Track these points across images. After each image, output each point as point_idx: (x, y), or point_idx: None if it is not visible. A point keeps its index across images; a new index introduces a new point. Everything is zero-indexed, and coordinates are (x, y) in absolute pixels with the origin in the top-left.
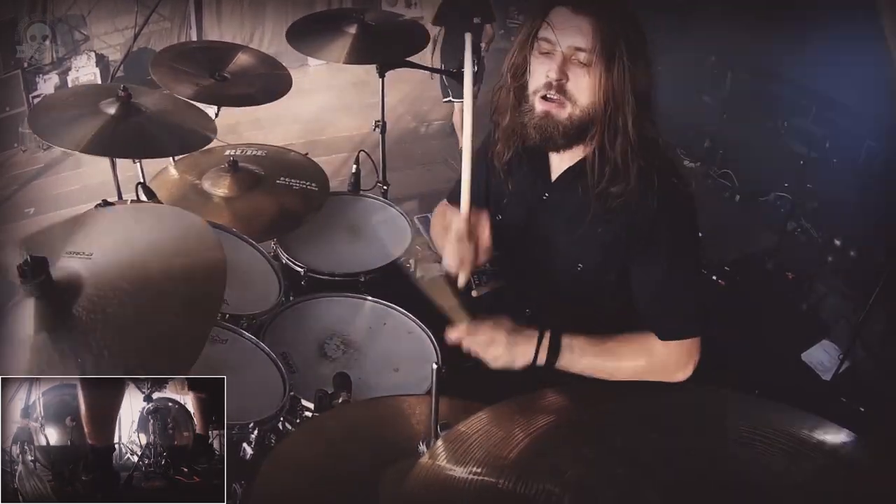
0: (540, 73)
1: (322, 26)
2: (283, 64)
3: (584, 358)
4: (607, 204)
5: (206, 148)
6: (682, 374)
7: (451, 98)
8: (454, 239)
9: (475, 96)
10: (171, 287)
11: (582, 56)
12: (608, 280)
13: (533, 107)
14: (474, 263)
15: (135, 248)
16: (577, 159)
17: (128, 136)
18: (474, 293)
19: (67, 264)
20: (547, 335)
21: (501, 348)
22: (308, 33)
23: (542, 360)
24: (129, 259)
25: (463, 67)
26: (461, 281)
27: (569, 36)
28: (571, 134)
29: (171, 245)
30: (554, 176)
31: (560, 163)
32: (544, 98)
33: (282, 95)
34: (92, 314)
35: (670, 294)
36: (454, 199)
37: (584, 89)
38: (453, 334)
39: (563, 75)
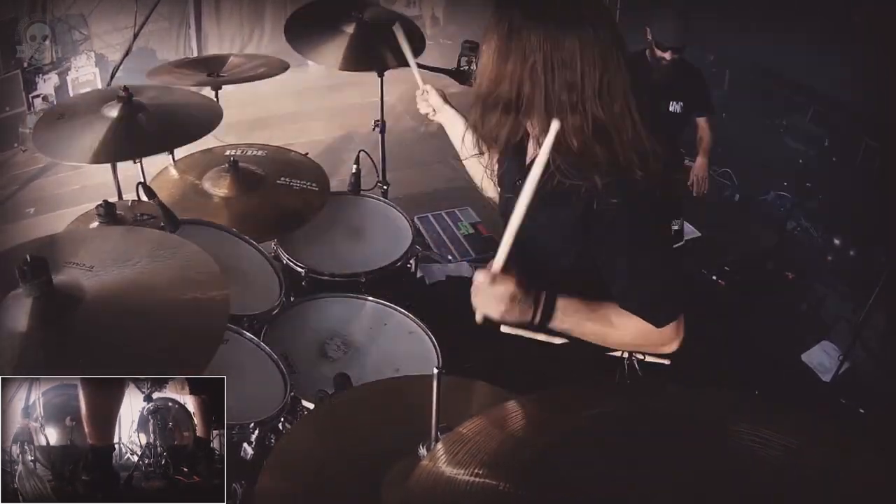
0: None
1: (320, 23)
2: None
3: (576, 319)
4: (547, 192)
5: (206, 148)
6: (672, 346)
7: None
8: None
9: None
10: (171, 316)
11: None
12: (574, 260)
13: None
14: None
15: (135, 268)
16: (535, 149)
17: (133, 138)
18: None
19: (68, 273)
20: (542, 297)
21: (490, 302)
22: (306, 31)
23: (536, 320)
24: (131, 278)
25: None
26: None
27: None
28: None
29: (172, 272)
30: (527, 162)
31: (533, 150)
32: None
33: (280, 73)
34: (88, 325)
35: (644, 286)
36: None
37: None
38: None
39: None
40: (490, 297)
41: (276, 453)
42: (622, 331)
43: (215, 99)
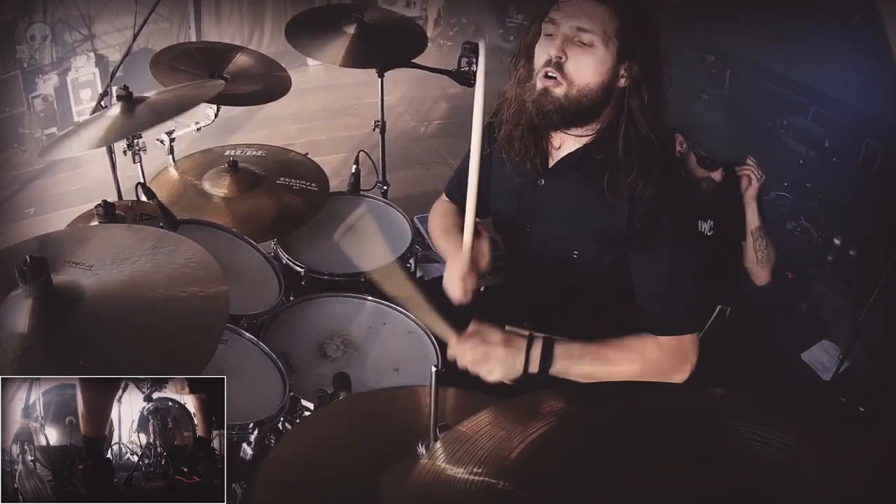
0: (542, 54)
1: (321, 25)
2: (283, 64)
3: (577, 365)
4: (603, 189)
5: (205, 148)
6: (678, 375)
7: None
8: (458, 277)
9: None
10: (171, 312)
11: (584, 37)
12: (602, 270)
13: (535, 85)
14: (475, 286)
15: (135, 266)
16: (575, 147)
17: (134, 123)
18: None
19: (68, 273)
20: (538, 343)
21: (493, 362)
22: (307, 32)
23: (534, 368)
24: (130, 276)
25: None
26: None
27: (572, 17)
28: (568, 113)
29: (171, 269)
30: (551, 162)
31: (559, 150)
32: (545, 76)
33: (281, 96)
34: (89, 324)
35: (675, 288)
36: (451, 195)
37: (581, 69)
38: (451, 352)
39: (563, 54)
40: (469, 363)
41: (275, 455)
42: (624, 366)
43: (215, 110)
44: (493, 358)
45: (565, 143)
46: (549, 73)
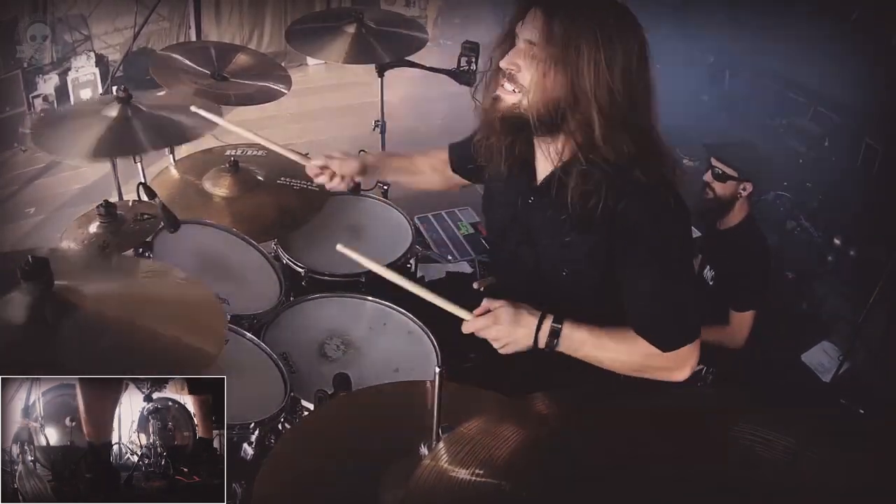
0: (502, 64)
1: (321, 26)
2: (283, 64)
3: (582, 347)
4: (579, 211)
5: (206, 148)
6: (679, 374)
7: None
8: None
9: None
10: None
11: (534, 50)
12: (592, 286)
13: (492, 91)
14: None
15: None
16: (559, 164)
17: (131, 135)
18: (475, 285)
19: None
20: (547, 321)
21: (505, 339)
22: (307, 33)
23: (542, 344)
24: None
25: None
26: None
27: (526, 30)
28: (511, 124)
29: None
30: (539, 179)
31: (545, 166)
32: (500, 85)
33: (281, 96)
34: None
35: (663, 306)
36: (450, 148)
37: (533, 82)
38: (465, 327)
39: (513, 65)
40: (483, 331)
41: (275, 454)
42: (627, 356)
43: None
44: (504, 336)
45: (550, 160)
46: (503, 84)
